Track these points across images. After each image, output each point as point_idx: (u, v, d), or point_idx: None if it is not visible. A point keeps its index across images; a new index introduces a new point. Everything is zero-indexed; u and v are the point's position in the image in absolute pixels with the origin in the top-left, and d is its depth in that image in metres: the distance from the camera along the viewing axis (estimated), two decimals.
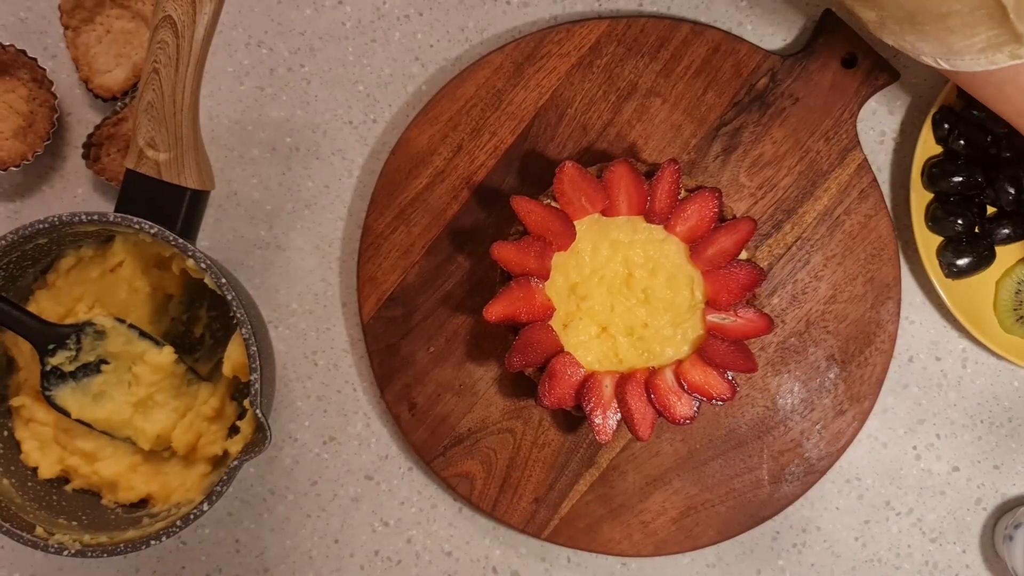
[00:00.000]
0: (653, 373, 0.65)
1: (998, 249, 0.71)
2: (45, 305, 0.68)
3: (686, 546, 0.71)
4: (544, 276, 0.65)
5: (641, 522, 0.71)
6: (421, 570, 0.74)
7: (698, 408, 0.64)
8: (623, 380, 0.65)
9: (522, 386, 0.71)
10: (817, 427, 0.71)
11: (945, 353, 0.74)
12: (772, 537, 0.74)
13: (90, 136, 0.71)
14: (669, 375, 0.65)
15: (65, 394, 0.66)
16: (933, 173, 0.70)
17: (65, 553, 0.62)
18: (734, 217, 0.66)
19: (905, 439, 0.74)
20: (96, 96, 0.72)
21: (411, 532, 0.74)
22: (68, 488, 0.69)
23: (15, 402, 0.69)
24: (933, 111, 0.71)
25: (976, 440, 0.74)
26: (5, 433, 0.68)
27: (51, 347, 0.65)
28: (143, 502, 0.69)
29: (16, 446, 0.69)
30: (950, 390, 0.74)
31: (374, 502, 0.74)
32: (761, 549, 0.74)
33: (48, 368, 0.65)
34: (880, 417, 0.74)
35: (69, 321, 0.67)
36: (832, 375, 0.71)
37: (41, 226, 0.62)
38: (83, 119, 0.74)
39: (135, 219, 0.62)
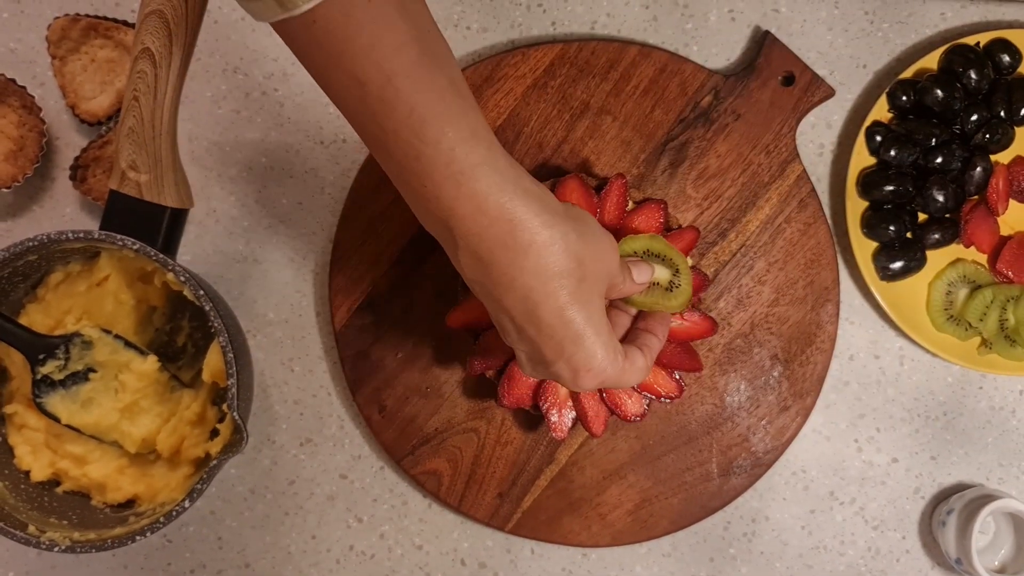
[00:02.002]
0: None
1: (929, 253, 0.75)
2: (35, 318, 0.71)
3: (642, 536, 0.75)
4: None
5: (599, 514, 0.75)
6: (394, 563, 0.78)
7: (648, 406, 0.69)
8: None
9: (484, 388, 0.75)
10: (763, 423, 0.75)
11: (883, 351, 0.78)
12: (723, 527, 0.78)
13: (77, 159, 0.74)
14: None
15: (55, 401, 0.69)
16: (867, 183, 0.75)
17: (56, 549, 0.65)
18: (679, 227, 0.71)
19: (847, 433, 0.78)
20: (82, 121, 0.75)
21: (384, 527, 0.78)
22: (59, 490, 0.71)
23: (8, 409, 0.71)
24: (866, 125, 0.75)
25: (914, 433, 0.78)
26: None
27: (41, 357, 0.68)
28: (130, 502, 0.72)
29: (9, 451, 0.71)
30: (888, 386, 0.78)
31: (348, 500, 0.78)
32: (713, 538, 0.78)
33: (39, 377, 0.68)
34: (823, 412, 0.78)
35: (58, 332, 0.70)
36: (776, 373, 0.76)
37: (31, 243, 0.65)
38: (70, 143, 0.78)
39: (119, 236, 0.65)
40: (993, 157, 0.75)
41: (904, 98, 0.75)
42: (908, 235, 0.76)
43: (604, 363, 0.53)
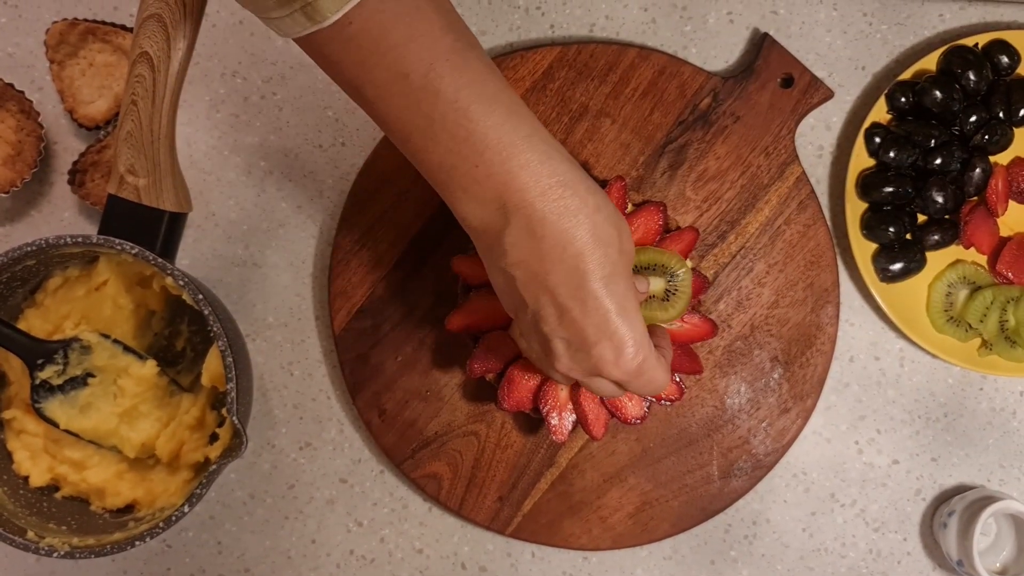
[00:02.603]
0: None
1: (929, 255, 0.75)
2: (34, 323, 0.71)
3: (643, 539, 0.75)
4: None
5: (599, 517, 0.75)
6: (394, 567, 0.78)
7: (648, 408, 0.68)
8: (577, 383, 0.69)
9: (484, 391, 0.75)
10: (763, 425, 0.75)
11: (883, 353, 0.78)
12: (724, 529, 0.78)
13: (75, 163, 0.74)
14: None
15: (54, 406, 0.69)
16: (866, 184, 0.75)
17: (55, 555, 0.65)
18: (678, 228, 0.71)
19: (847, 435, 0.78)
20: (80, 125, 0.75)
21: (384, 531, 0.78)
22: (58, 495, 0.71)
23: (7, 415, 0.71)
24: (865, 126, 0.75)
25: (914, 434, 0.78)
26: None
27: (40, 362, 0.68)
28: (129, 507, 0.72)
29: (8, 456, 0.71)
30: (889, 388, 0.78)
31: (348, 504, 0.77)
32: (714, 541, 0.78)
33: (37, 382, 0.68)
34: (824, 414, 0.78)
35: (57, 337, 0.70)
36: (776, 375, 0.75)
37: (29, 248, 0.65)
38: (68, 147, 0.78)
39: (117, 241, 0.65)
40: (992, 158, 0.75)
41: (903, 99, 0.75)
42: (908, 236, 0.76)
43: (646, 342, 0.54)
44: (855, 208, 0.75)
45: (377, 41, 0.47)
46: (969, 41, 0.75)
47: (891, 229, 0.74)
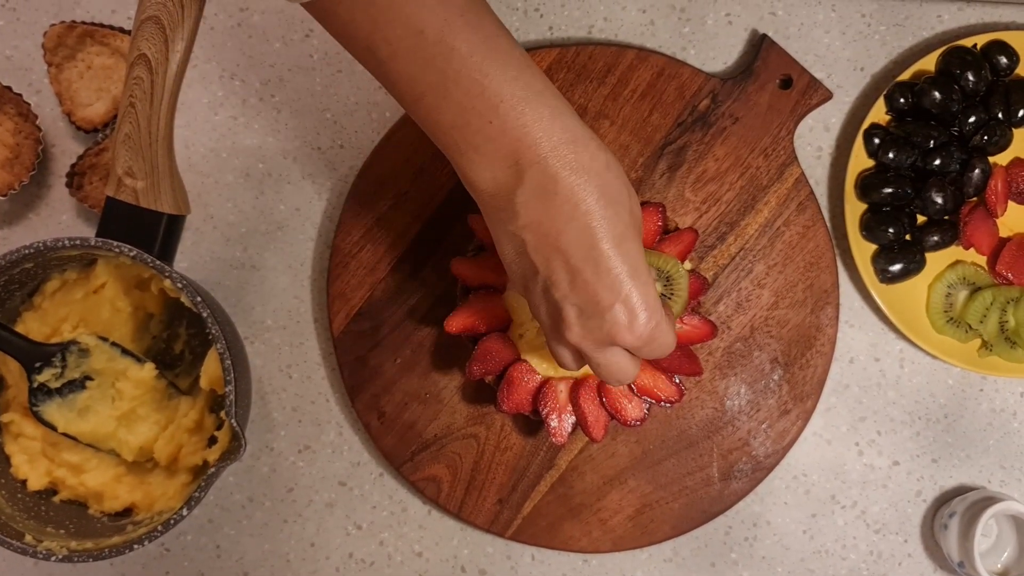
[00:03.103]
0: None
1: (928, 255, 0.75)
2: (32, 325, 0.71)
3: (643, 542, 0.75)
4: (501, 289, 0.69)
5: (599, 520, 0.75)
6: (393, 571, 0.77)
7: (648, 410, 0.68)
8: (577, 385, 0.68)
9: (484, 393, 0.75)
10: (763, 426, 0.75)
11: (883, 354, 0.78)
12: (725, 532, 0.78)
13: (73, 166, 0.74)
14: None
15: (52, 409, 0.69)
16: (865, 185, 0.75)
17: (53, 559, 0.64)
18: (677, 229, 0.70)
19: (848, 436, 0.78)
20: (78, 128, 0.75)
21: (383, 535, 0.77)
22: (56, 499, 0.71)
23: (4, 418, 0.71)
24: (864, 127, 0.75)
25: (915, 436, 0.78)
26: None
27: (38, 365, 0.68)
28: (127, 511, 0.72)
29: (6, 460, 0.71)
30: (889, 389, 0.78)
31: (348, 507, 0.77)
32: (715, 543, 0.77)
33: (35, 385, 0.68)
34: (824, 416, 0.77)
35: (55, 340, 0.70)
36: (776, 377, 0.75)
37: (27, 251, 0.65)
38: (67, 150, 0.78)
39: (115, 243, 0.65)
40: (992, 159, 0.75)
41: (902, 100, 0.75)
42: (907, 237, 0.75)
43: (658, 305, 0.53)
44: (854, 209, 0.75)
45: None
46: (968, 42, 0.75)
47: (890, 230, 0.74)
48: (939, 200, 0.74)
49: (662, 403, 0.68)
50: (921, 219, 0.76)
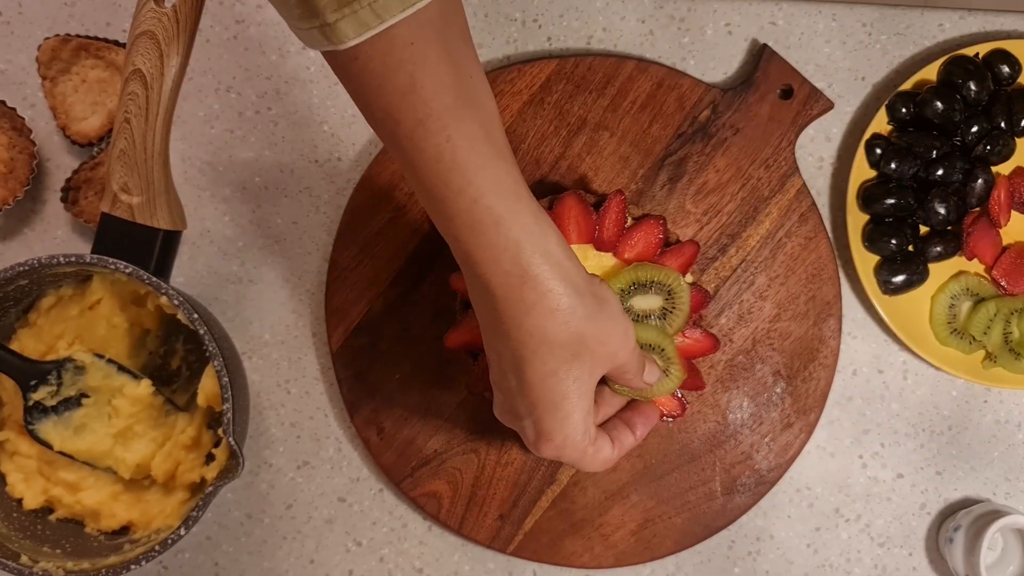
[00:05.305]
0: None
1: (931, 266, 0.75)
2: (27, 343, 0.71)
3: (645, 557, 0.74)
4: None
5: (601, 535, 0.74)
6: None
7: None
8: None
9: (485, 408, 0.74)
10: (766, 440, 0.74)
11: (887, 366, 0.77)
12: (728, 546, 0.77)
13: (68, 180, 0.74)
14: None
15: (47, 427, 0.68)
16: (867, 196, 0.74)
17: None
18: (678, 241, 0.70)
19: (851, 449, 0.77)
20: (73, 142, 0.74)
21: (383, 551, 0.77)
22: (52, 518, 0.71)
23: (0, 437, 0.71)
24: (866, 138, 0.74)
25: (919, 448, 0.77)
26: None
27: (33, 383, 0.67)
28: (125, 529, 0.71)
29: (2, 478, 0.70)
30: (892, 401, 0.77)
31: (347, 523, 0.77)
32: (718, 558, 0.77)
33: (31, 403, 0.68)
34: (827, 428, 0.77)
35: (50, 358, 0.69)
36: (779, 390, 0.75)
37: (22, 268, 0.64)
38: (61, 164, 0.77)
39: (111, 260, 0.65)
40: (994, 169, 0.75)
41: (904, 110, 0.74)
42: (910, 248, 0.75)
43: (568, 441, 0.54)
44: (856, 220, 0.75)
45: (380, 79, 0.48)
46: (970, 51, 0.74)
47: (893, 241, 0.74)
48: (942, 211, 0.73)
49: (664, 417, 0.68)
50: (924, 230, 0.75)
